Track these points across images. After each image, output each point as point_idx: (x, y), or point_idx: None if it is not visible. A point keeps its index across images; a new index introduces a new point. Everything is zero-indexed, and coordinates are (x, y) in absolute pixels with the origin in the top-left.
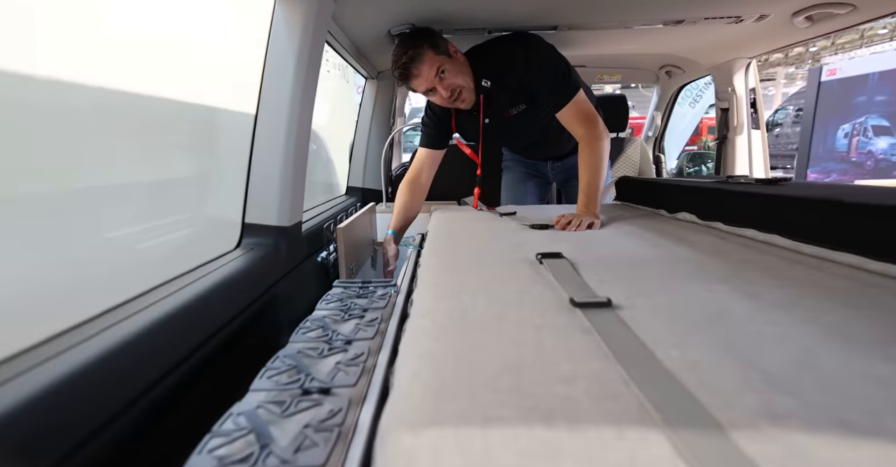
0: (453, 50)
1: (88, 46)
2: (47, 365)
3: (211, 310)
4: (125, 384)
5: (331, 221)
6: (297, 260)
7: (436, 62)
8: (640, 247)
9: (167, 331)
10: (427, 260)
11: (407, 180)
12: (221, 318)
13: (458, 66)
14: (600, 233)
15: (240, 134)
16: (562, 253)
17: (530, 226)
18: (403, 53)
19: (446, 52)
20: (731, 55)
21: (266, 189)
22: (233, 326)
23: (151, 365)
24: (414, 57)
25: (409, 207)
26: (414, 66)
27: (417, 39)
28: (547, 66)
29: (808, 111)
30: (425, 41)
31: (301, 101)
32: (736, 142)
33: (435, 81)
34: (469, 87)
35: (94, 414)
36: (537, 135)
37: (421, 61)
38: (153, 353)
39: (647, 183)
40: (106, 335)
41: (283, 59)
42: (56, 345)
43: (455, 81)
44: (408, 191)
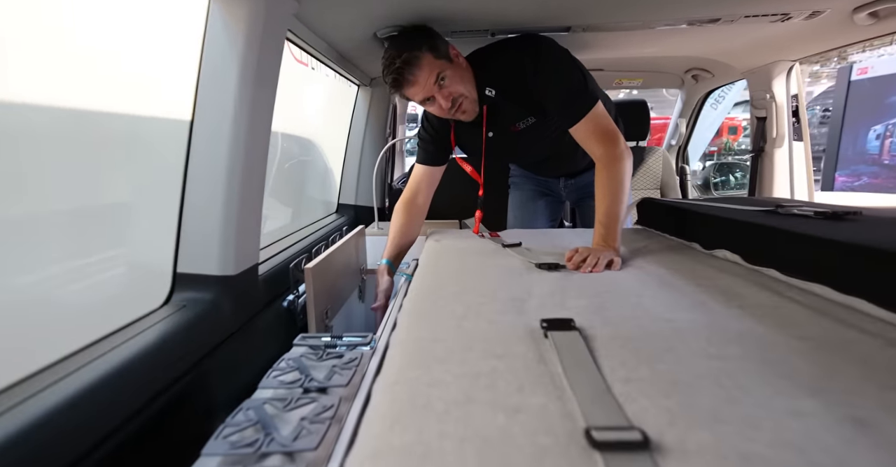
0: (455, 53)
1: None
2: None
3: (123, 390)
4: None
5: (302, 257)
6: (250, 313)
7: (435, 67)
8: (677, 306)
9: (57, 425)
10: (409, 304)
11: (402, 201)
12: (136, 401)
13: (461, 72)
14: (622, 280)
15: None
16: (573, 320)
17: (537, 265)
18: (397, 56)
19: (447, 56)
20: (771, 58)
21: (204, 229)
22: (150, 412)
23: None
24: (409, 61)
25: (405, 232)
26: (409, 71)
27: (414, 40)
28: (560, 75)
29: (837, 111)
30: (423, 42)
31: (251, 116)
32: (775, 156)
33: (434, 89)
34: (472, 96)
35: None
36: (548, 151)
37: (418, 66)
38: (42, 452)
39: (676, 208)
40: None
41: (223, 68)
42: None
43: (457, 89)
44: (404, 213)
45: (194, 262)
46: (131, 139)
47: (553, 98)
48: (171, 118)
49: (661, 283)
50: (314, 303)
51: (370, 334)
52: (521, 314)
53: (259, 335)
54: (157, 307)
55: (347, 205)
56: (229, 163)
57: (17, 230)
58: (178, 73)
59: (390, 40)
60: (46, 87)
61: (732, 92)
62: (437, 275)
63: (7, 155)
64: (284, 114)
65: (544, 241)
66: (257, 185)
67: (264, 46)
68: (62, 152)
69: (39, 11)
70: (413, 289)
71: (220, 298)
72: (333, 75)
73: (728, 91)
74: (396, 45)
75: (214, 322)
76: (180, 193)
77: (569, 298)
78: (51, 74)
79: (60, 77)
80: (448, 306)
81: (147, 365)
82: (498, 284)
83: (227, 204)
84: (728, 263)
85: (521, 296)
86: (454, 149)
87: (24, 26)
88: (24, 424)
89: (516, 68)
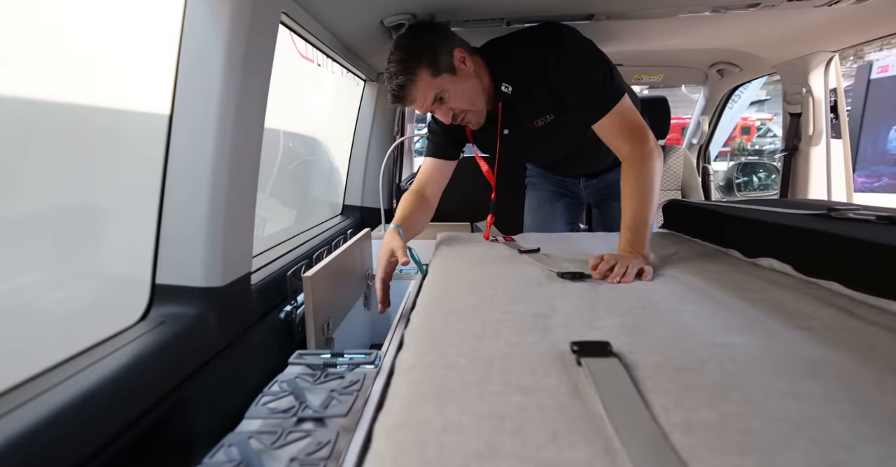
0: (460, 58)
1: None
2: None
3: (85, 424)
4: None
5: (302, 264)
6: (240, 328)
7: (432, 87)
8: (727, 325)
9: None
10: (418, 319)
11: (411, 192)
12: (100, 436)
13: (465, 84)
14: (657, 292)
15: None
16: (609, 343)
17: (559, 275)
18: (394, 74)
19: (449, 68)
20: (809, 48)
21: (187, 235)
22: (116, 448)
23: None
24: (405, 84)
25: (413, 218)
26: (406, 92)
27: (411, 54)
28: (584, 67)
29: (856, 110)
30: (422, 57)
31: (239, 109)
32: (811, 155)
33: (433, 107)
34: (477, 108)
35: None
36: (568, 149)
37: (414, 87)
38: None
39: (709, 211)
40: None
41: (207, 54)
42: None
43: (457, 105)
44: (412, 201)
45: (176, 272)
46: (104, 133)
47: (575, 92)
48: (151, 111)
49: (702, 297)
50: (313, 315)
51: (374, 351)
52: (546, 333)
53: (250, 352)
54: (132, 324)
55: (353, 206)
56: (215, 162)
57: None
58: (158, 58)
59: (393, 42)
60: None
61: (749, 90)
62: (449, 286)
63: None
64: (288, 111)
65: (564, 247)
66: (248, 186)
67: (254, 30)
68: (22, 148)
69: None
70: (422, 302)
71: (204, 313)
72: (341, 71)
73: (745, 90)
74: (395, 58)
75: (198, 340)
76: (159, 195)
77: (599, 314)
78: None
79: (14, 63)
80: (462, 323)
81: (115, 393)
82: (517, 296)
83: (213, 207)
84: (776, 274)
85: (543, 312)
86: (470, 142)
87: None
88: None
89: (536, 60)
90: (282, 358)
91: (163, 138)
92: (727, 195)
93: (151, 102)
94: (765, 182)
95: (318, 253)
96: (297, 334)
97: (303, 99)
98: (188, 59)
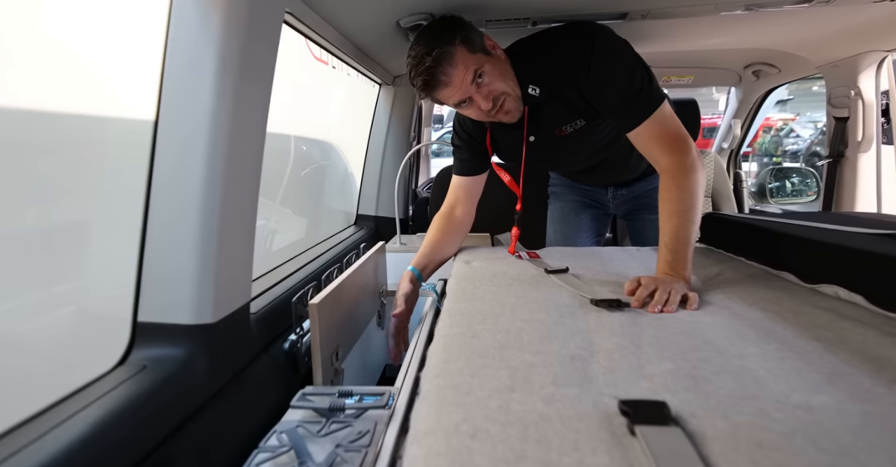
0: (491, 45)
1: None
2: None
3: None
4: None
5: (310, 286)
6: (237, 367)
7: (471, 63)
8: (804, 378)
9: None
10: (436, 360)
11: (439, 214)
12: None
13: (501, 66)
14: (708, 326)
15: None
16: (666, 404)
17: (592, 302)
18: (426, 53)
19: (483, 49)
20: (860, 48)
21: (173, 265)
22: None
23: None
24: (441, 58)
25: (439, 247)
26: (441, 70)
27: (444, 32)
28: (620, 70)
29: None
30: (456, 35)
31: (236, 119)
32: (858, 163)
33: (471, 89)
34: (515, 92)
35: None
36: (596, 158)
37: (451, 63)
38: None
39: (756, 227)
40: None
41: (197, 56)
42: None
43: (497, 86)
44: (439, 226)
45: (160, 308)
46: (83, 144)
47: (610, 97)
48: (137, 118)
49: (763, 335)
50: (320, 347)
51: (387, 390)
52: (587, 384)
53: (248, 394)
54: (108, 370)
55: (367, 216)
56: (206, 179)
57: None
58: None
59: (416, 34)
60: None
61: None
62: (470, 317)
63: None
64: (300, 115)
65: (593, 264)
66: (247, 206)
67: (252, 31)
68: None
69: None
70: (440, 336)
71: (194, 355)
72: (355, 74)
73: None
74: (423, 40)
75: (185, 387)
76: (142, 218)
77: (646, 357)
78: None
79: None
80: (487, 369)
81: (85, 460)
82: (548, 331)
83: (205, 231)
84: (844, 304)
85: (580, 353)
86: (491, 154)
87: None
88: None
89: (566, 62)
90: (284, 397)
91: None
92: (760, 202)
93: (136, 109)
94: (797, 188)
95: (328, 272)
96: (303, 366)
97: (315, 102)
98: (175, 63)
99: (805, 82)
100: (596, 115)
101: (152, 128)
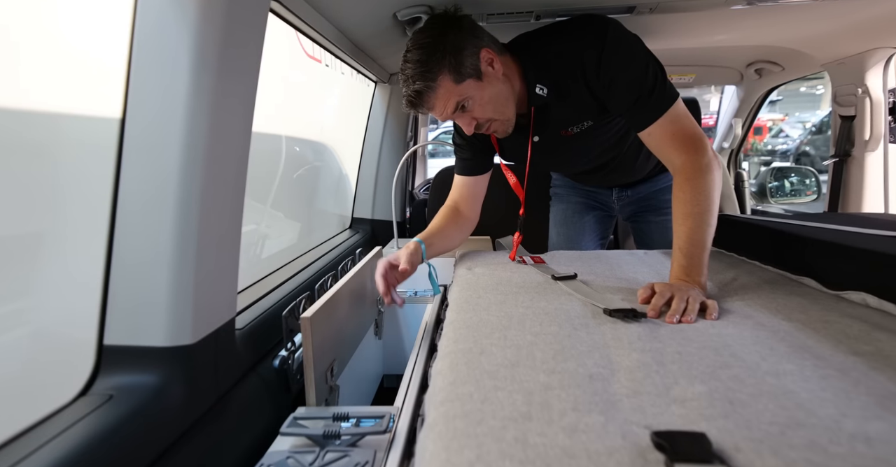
0: (488, 59)
1: None
2: None
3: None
4: None
5: (302, 297)
6: (220, 391)
7: (454, 95)
8: (850, 397)
9: None
10: (442, 381)
11: (446, 207)
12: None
13: (491, 90)
14: (733, 338)
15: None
16: (706, 436)
17: (606, 312)
18: (411, 78)
19: (473, 73)
20: (867, 45)
21: (145, 281)
22: None
23: None
24: (423, 90)
25: (445, 233)
26: (424, 99)
27: (431, 55)
28: (632, 67)
29: None
30: (444, 61)
31: (216, 118)
32: (865, 163)
33: (454, 115)
34: (504, 117)
35: None
36: (603, 158)
37: (432, 95)
38: None
39: (771, 230)
40: None
41: (167, 48)
42: None
43: (482, 115)
44: (446, 216)
45: (131, 329)
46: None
47: (622, 94)
48: (101, 116)
49: (796, 349)
50: (314, 363)
51: (386, 412)
52: (612, 410)
53: (232, 421)
54: (67, 402)
55: (363, 219)
56: (183, 184)
57: None
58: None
59: (410, 37)
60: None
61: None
62: (476, 331)
63: None
64: (292, 114)
65: (601, 269)
66: (231, 213)
67: (232, 21)
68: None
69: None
70: (446, 353)
71: (168, 381)
72: (350, 72)
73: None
74: (413, 57)
75: (157, 418)
76: (108, 227)
77: (672, 376)
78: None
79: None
80: (499, 392)
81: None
82: (563, 347)
83: (182, 241)
84: (875, 313)
85: (600, 372)
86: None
87: None
88: None
89: (575, 59)
90: (274, 421)
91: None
92: (760, 202)
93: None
94: (796, 187)
95: (321, 281)
96: (294, 384)
97: (309, 101)
98: (143, 54)
99: (793, 83)
100: (605, 115)
101: (118, 127)
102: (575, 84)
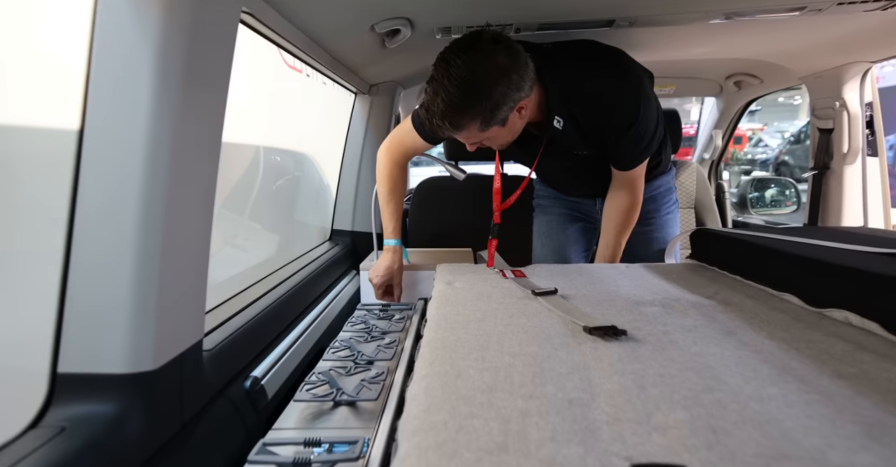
0: (521, 109)
1: None
2: None
3: None
4: None
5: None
6: (185, 417)
7: (475, 136)
8: (836, 425)
9: None
10: (416, 407)
11: (394, 161)
12: None
13: (508, 132)
14: (717, 359)
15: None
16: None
17: (586, 330)
18: (439, 114)
19: (501, 122)
20: (844, 59)
21: (104, 302)
22: None
23: None
24: (443, 128)
25: (401, 192)
26: (439, 131)
27: (470, 100)
28: (648, 130)
29: None
30: (479, 111)
31: (179, 130)
32: (844, 175)
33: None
34: (507, 140)
35: None
36: (590, 173)
37: (457, 132)
38: None
39: (752, 245)
40: None
41: (128, 63)
42: None
43: (490, 143)
44: (398, 176)
45: (88, 356)
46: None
47: (627, 145)
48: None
49: (780, 371)
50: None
51: (360, 437)
52: (591, 440)
53: (197, 450)
54: (14, 436)
55: (343, 230)
56: (145, 198)
57: None
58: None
59: (462, 61)
60: None
61: None
62: (453, 349)
63: None
64: (271, 126)
65: (582, 283)
66: (198, 228)
67: (201, 30)
68: None
69: None
70: (421, 376)
71: (127, 410)
72: (331, 83)
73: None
74: (451, 89)
75: (115, 451)
76: (64, 244)
77: (653, 402)
78: None
79: None
80: (475, 420)
81: None
82: (541, 369)
83: (143, 260)
84: (858, 332)
85: (580, 397)
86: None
87: None
88: None
89: (612, 108)
90: (245, 446)
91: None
92: (741, 213)
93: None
94: (776, 199)
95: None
96: (267, 405)
97: (289, 112)
98: (103, 62)
99: (771, 93)
100: (603, 146)
101: (76, 139)
102: (597, 126)
